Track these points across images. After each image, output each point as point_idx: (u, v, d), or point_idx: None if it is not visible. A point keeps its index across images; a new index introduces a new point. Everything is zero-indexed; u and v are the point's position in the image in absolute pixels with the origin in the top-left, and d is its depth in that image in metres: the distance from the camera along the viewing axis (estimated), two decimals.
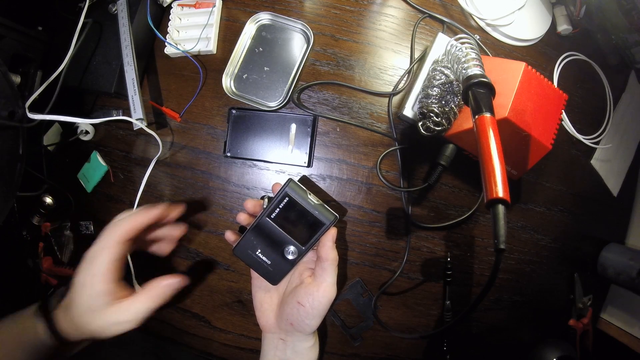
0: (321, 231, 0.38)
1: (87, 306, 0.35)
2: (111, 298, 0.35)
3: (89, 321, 0.36)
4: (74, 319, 0.36)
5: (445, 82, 0.43)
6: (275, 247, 0.39)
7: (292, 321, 0.39)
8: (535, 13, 0.55)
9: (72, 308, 0.36)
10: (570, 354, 0.53)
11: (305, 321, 0.39)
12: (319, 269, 0.39)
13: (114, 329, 0.35)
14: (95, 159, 0.53)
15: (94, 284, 0.35)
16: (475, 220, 0.52)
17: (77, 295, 0.36)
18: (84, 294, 0.36)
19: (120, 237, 0.36)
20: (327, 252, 0.38)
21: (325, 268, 0.38)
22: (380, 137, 0.50)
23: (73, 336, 0.37)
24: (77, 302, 0.36)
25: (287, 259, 0.39)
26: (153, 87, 0.52)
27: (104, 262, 0.35)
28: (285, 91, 0.49)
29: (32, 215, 0.54)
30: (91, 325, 0.36)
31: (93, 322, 0.35)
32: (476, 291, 0.52)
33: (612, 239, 0.60)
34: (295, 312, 0.39)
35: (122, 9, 0.48)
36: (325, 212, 0.37)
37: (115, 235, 0.37)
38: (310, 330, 0.40)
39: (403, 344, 0.52)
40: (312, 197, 0.38)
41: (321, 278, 0.38)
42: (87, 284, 0.35)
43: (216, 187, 0.51)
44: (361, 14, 0.51)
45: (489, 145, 0.32)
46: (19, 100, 0.43)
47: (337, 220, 0.37)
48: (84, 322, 0.36)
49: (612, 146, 0.59)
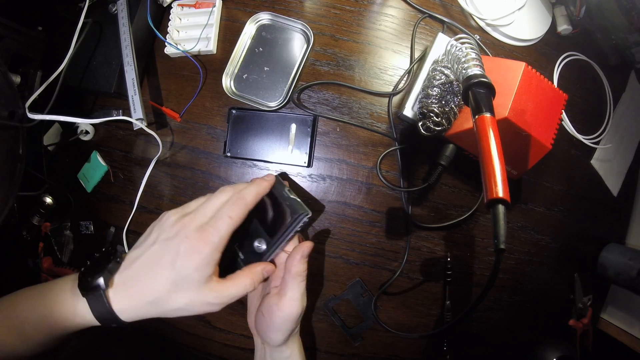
0: (290, 226, 0.34)
1: (183, 278, 0.30)
2: (213, 273, 0.31)
3: (175, 298, 0.30)
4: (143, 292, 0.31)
5: (445, 82, 0.43)
6: (248, 239, 0.37)
7: (259, 330, 0.38)
8: (535, 13, 0.55)
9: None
10: (570, 354, 0.52)
11: (268, 333, 0.37)
12: (284, 281, 0.36)
13: (197, 309, 0.32)
14: (95, 159, 0.53)
15: (205, 252, 0.30)
16: (475, 220, 0.52)
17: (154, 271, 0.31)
18: (189, 260, 0.30)
19: (247, 209, 0.32)
20: (292, 263, 0.35)
21: (288, 281, 0.35)
22: (380, 137, 0.50)
23: (128, 316, 0.31)
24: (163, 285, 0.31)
25: (257, 253, 0.36)
26: (153, 87, 0.52)
27: (225, 230, 0.31)
28: (285, 91, 0.49)
29: (32, 215, 0.54)
30: (174, 302, 0.31)
31: (179, 298, 0.31)
32: (476, 291, 0.52)
33: (612, 239, 0.60)
34: (260, 322, 0.37)
35: (122, 9, 0.48)
36: (297, 206, 0.34)
37: (244, 206, 0.32)
38: (274, 343, 0.37)
39: (403, 344, 0.51)
40: (289, 192, 0.36)
41: (283, 291, 0.36)
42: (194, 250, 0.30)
43: (216, 187, 0.50)
44: (361, 14, 0.51)
45: (489, 145, 0.32)
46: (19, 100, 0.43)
47: (309, 216, 0.34)
48: (164, 298, 0.30)
49: (612, 146, 0.59)
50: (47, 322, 0.31)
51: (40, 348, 0.32)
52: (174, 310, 0.32)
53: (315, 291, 0.50)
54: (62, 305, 0.31)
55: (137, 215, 0.52)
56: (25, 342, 0.32)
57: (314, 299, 0.50)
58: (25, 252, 0.56)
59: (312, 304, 0.50)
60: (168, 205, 0.52)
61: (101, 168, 0.53)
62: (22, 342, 0.32)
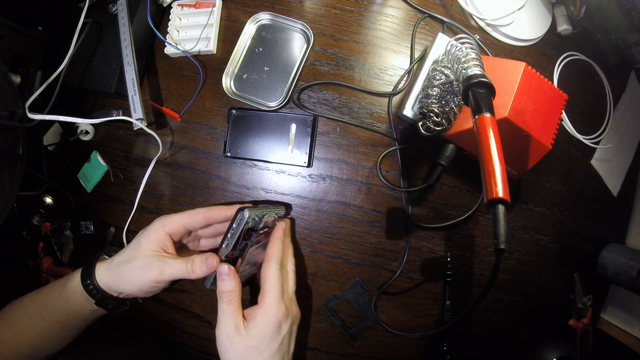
0: (232, 223, 0.37)
1: (132, 255, 0.38)
2: (162, 249, 0.38)
3: (125, 270, 0.38)
4: (113, 267, 0.39)
5: (445, 82, 0.43)
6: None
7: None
8: (535, 13, 0.55)
9: (116, 258, 0.40)
10: (570, 354, 0.53)
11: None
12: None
13: (154, 279, 0.37)
14: (95, 159, 0.53)
15: (151, 237, 0.39)
16: (475, 220, 0.52)
17: (126, 247, 0.40)
18: (135, 244, 0.39)
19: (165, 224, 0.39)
20: (265, 270, 0.38)
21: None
22: (380, 137, 0.50)
23: (108, 288, 0.39)
24: (122, 251, 0.40)
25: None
26: (153, 87, 0.52)
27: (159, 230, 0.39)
28: (285, 91, 0.49)
29: (32, 215, 0.54)
30: (125, 273, 0.38)
31: (127, 271, 0.38)
32: (476, 291, 0.52)
33: (612, 239, 0.60)
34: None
35: (122, 9, 0.48)
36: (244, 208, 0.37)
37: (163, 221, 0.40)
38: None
39: (403, 344, 0.52)
40: (263, 207, 0.41)
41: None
42: (143, 239, 0.39)
43: (216, 187, 0.51)
44: (361, 14, 0.51)
45: (489, 145, 0.32)
46: (19, 100, 0.43)
47: (248, 216, 0.36)
48: (121, 272, 0.38)
49: (612, 146, 0.59)
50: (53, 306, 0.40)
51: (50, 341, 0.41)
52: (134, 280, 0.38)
53: (315, 291, 0.50)
54: (62, 281, 0.41)
55: (137, 215, 0.52)
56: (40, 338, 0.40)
57: (314, 299, 0.50)
58: (25, 252, 0.56)
59: (312, 304, 0.50)
60: (168, 205, 0.52)
61: (101, 168, 0.53)
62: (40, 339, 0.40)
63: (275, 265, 0.38)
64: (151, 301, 0.52)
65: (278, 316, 0.36)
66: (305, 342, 0.51)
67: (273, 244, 0.40)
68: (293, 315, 0.38)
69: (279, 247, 0.39)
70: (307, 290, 0.50)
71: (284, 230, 0.42)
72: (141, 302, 0.48)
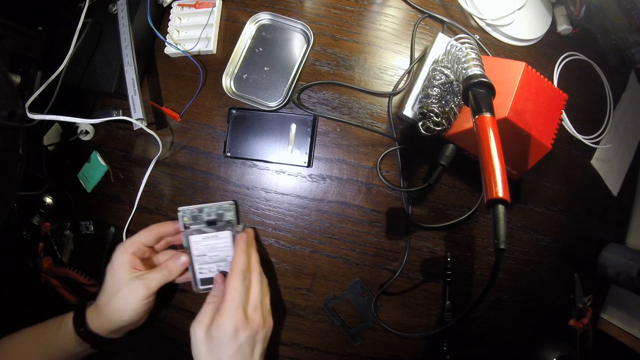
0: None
1: (115, 287, 0.42)
2: (135, 269, 0.42)
3: (115, 304, 0.41)
4: (102, 308, 0.42)
5: (445, 82, 0.43)
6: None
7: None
8: (535, 13, 0.55)
9: (101, 299, 0.43)
10: (570, 354, 0.52)
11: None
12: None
13: (144, 296, 0.41)
14: (95, 159, 0.53)
15: (122, 264, 0.42)
16: (475, 220, 0.52)
17: (105, 286, 0.43)
18: (111, 278, 0.42)
19: (127, 247, 0.43)
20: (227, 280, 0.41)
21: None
22: (380, 137, 0.50)
23: (102, 330, 0.42)
24: (103, 292, 0.43)
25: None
26: (153, 87, 0.52)
27: (124, 254, 0.43)
28: (285, 91, 0.49)
29: (32, 215, 0.54)
30: (116, 306, 0.41)
31: (117, 303, 0.41)
32: (476, 291, 0.52)
33: (612, 239, 0.60)
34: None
35: (122, 9, 0.48)
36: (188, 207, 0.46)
37: (124, 245, 0.44)
38: None
39: (403, 344, 0.52)
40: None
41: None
42: (116, 269, 0.42)
43: (216, 187, 0.51)
44: (361, 14, 0.51)
45: (489, 145, 0.32)
46: (19, 100, 0.43)
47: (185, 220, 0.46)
48: (111, 308, 0.42)
49: (612, 146, 0.59)
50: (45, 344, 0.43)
51: None
52: (117, 315, 0.42)
53: (315, 291, 0.50)
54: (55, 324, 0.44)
55: (137, 215, 0.52)
56: None
57: (314, 299, 0.50)
58: (25, 252, 0.56)
59: (312, 304, 0.50)
60: (168, 205, 0.52)
61: (101, 168, 0.53)
62: None
63: (236, 276, 0.40)
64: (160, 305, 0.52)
65: (231, 324, 0.38)
66: (305, 342, 0.51)
67: (235, 255, 0.42)
68: (255, 325, 0.39)
69: (241, 258, 0.42)
70: (307, 290, 0.50)
71: (245, 241, 0.44)
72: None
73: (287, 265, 0.50)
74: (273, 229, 0.50)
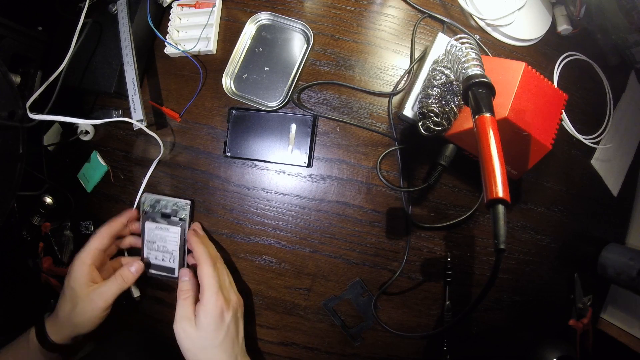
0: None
1: (73, 302, 0.42)
2: (92, 282, 0.43)
3: (74, 318, 0.42)
4: (62, 320, 0.43)
5: (445, 82, 0.43)
6: None
7: None
8: (535, 13, 0.55)
9: (60, 312, 0.43)
10: (570, 354, 0.53)
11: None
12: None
13: (102, 307, 0.42)
14: (95, 159, 0.53)
15: (79, 278, 0.43)
16: (475, 220, 0.52)
17: (64, 299, 0.43)
18: (70, 292, 0.43)
19: (85, 259, 0.44)
20: (199, 271, 0.42)
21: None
22: (380, 137, 0.50)
23: (60, 338, 0.43)
24: (61, 304, 0.43)
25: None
26: (153, 87, 0.52)
27: (82, 266, 0.43)
28: (285, 91, 0.49)
29: (32, 215, 0.54)
30: (75, 319, 0.42)
31: (76, 317, 0.42)
32: (476, 291, 0.52)
33: (612, 239, 0.60)
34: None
35: (122, 9, 0.48)
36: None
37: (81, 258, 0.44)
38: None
39: (403, 344, 0.52)
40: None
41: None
42: (73, 284, 0.43)
43: (216, 187, 0.51)
44: (361, 14, 0.51)
45: (489, 145, 0.32)
46: (19, 100, 0.43)
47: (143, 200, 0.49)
48: (71, 321, 0.42)
49: (612, 146, 0.59)
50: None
51: None
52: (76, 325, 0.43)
53: (315, 291, 0.50)
54: (23, 342, 0.44)
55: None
56: None
57: (314, 299, 0.50)
58: (25, 252, 0.56)
59: (312, 304, 0.50)
60: None
61: (101, 168, 0.53)
62: None
63: (206, 264, 0.42)
64: (151, 301, 0.52)
65: (217, 308, 0.40)
66: (305, 342, 0.51)
67: (195, 249, 0.44)
68: (234, 303, 0.42)
69: (200, 249, 0.44)
70: (307, 290, 0.50)
71: (194, 234, 0.47)
72: (139, 302, 0.51)
73: (287, 265, 0.50)
74: (273, 229, 0.50)
